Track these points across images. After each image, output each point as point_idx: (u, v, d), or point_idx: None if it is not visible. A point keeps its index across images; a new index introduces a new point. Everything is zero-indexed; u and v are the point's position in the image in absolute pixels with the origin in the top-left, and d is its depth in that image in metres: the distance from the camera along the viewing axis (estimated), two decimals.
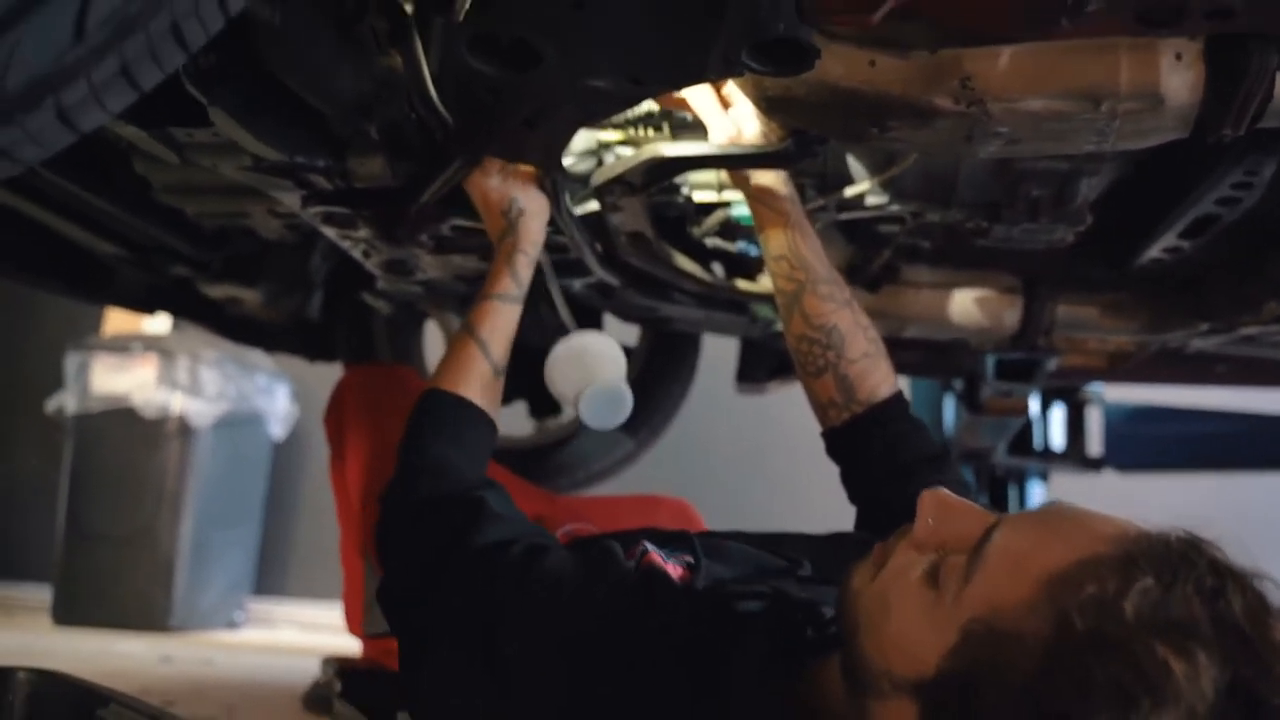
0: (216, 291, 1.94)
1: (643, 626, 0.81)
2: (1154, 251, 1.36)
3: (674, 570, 0.91)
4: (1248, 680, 0.55)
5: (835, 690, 0.75)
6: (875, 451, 1.15)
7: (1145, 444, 2.45)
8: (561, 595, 0.86)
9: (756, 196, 1.21)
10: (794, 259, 1.19)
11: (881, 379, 1.18)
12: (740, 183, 1.23)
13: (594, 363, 1.21)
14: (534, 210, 1.18)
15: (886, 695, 0.67)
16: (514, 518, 1.01)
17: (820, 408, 1.20)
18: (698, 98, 1.17)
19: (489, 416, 1.12)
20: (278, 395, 3.70)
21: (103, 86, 0.62)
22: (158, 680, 2.28)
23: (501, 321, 1.15)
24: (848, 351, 1.17)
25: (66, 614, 3.36)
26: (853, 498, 1.21)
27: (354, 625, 1.69)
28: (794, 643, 0.81)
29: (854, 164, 1.30)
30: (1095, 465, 2.43)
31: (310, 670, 2.06)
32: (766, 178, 1.20)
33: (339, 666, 1.57)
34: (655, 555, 0.92)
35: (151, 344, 3.42)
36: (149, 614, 3.32)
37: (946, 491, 0.73)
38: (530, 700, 0.81)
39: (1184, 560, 0.59)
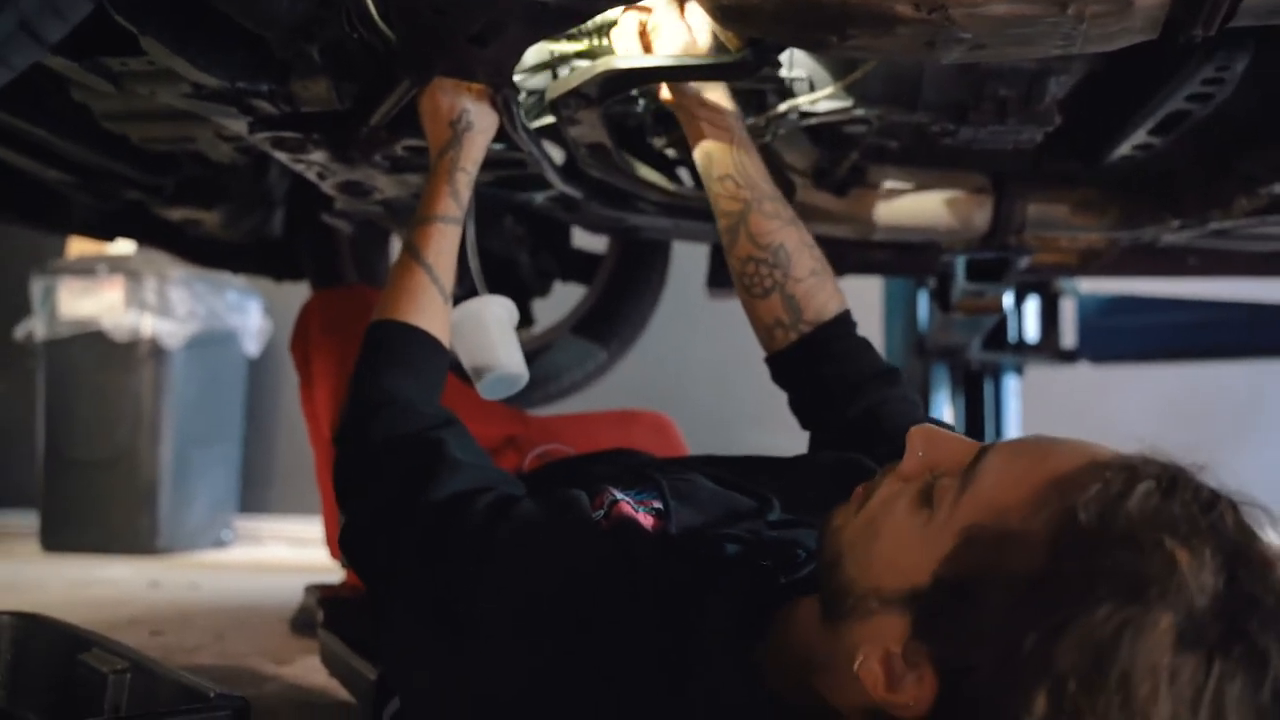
0: (174, 214, 1.90)
1: (616, 587, 0.80)
2: (1124, 149, 1.33)
3: (645, 519, 0.88)
4: (1245, 580, 0.56)
5: (808, 627, 0.74)
6: (825, 369, 1.13)
7: (1118, 335, 2.46)
8: (527, 556, 0.83)
9: (699, 115, 1.17)
10: (739, 177, 1.16)
11: (829, 297, 1.15)
12: (681, 101, 1.18)
13: (494, 335, 1.21)
14: (482, 126, 1.15)
15: (873, 613, 0.66)
16: (475, 463, 0.97)
17: (766, 330, 1.17)
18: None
19: (441, 344, 1.09)
20: (250, 311, 3.66)
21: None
22: (146, 609, 2.31)
23: (446, 244, 1.11)
24: (794, 270, 1.14)
25: (54, 540, 3.39)
26: (804, 423, 1.18)
27: (335, 551, 1.69)
28: (767, 590, 0.80)
29: (816, 67, 1.26)
30: (1069, 357, 2.44)
31: (298, 590, 2.08)
32: (711, 94, 1.16)
33: (321, 595, 1.57)
34: (625, 505, 0.89)
35: (117, 265, 3.37)
36: (136, 537, 3.35)
37: (934, 426, 0.73)
38: (491, 662, 0.79)
39: (1181, 474, 0.61)
